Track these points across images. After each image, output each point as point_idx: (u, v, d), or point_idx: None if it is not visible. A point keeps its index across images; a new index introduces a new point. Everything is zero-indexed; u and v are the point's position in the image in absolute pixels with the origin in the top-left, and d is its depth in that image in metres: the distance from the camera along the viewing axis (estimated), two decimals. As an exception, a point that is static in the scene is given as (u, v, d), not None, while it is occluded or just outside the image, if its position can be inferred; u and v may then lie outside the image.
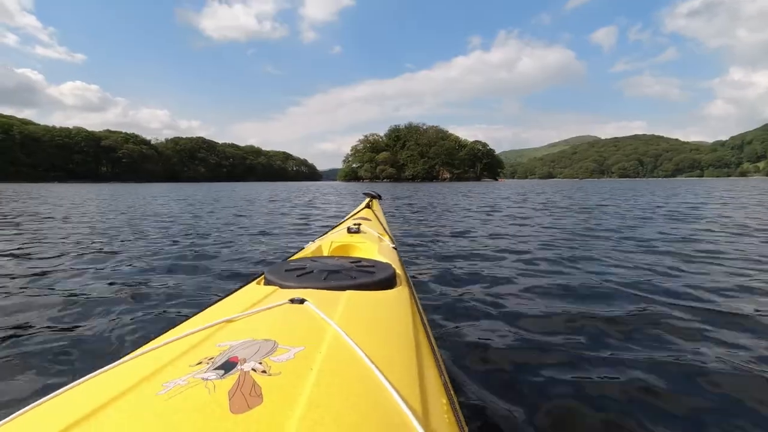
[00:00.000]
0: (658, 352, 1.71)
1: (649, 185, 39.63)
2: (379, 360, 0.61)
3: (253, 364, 0.55)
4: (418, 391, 0.58)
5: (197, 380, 0.51)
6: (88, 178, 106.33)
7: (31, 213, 8.69)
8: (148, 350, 0.66)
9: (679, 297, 2.40)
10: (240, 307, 0.83)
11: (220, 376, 0.52)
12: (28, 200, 14.22)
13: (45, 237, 5.04)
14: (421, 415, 0.51)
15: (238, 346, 0.61)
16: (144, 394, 0.50)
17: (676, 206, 9.71)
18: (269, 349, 0.60)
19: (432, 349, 0.81)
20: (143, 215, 8.28)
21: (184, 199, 14.94)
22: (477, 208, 10.30)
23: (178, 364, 0.58)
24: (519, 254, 3.89)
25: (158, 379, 0.54)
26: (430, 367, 0.70)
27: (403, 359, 0.67)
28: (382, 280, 1.05)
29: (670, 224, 6.08)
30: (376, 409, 0.50)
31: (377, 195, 3.13)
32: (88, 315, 2.17)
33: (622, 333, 1.94)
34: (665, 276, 2.92)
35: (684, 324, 1.99)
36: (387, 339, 0.74)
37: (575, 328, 2.00)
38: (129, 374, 0.56)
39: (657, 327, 1.98)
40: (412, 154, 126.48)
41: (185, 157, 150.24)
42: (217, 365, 0.55)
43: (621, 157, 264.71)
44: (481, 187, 35.86)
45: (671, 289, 2.56)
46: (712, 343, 1.78)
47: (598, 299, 2.45)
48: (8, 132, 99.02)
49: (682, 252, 3.79)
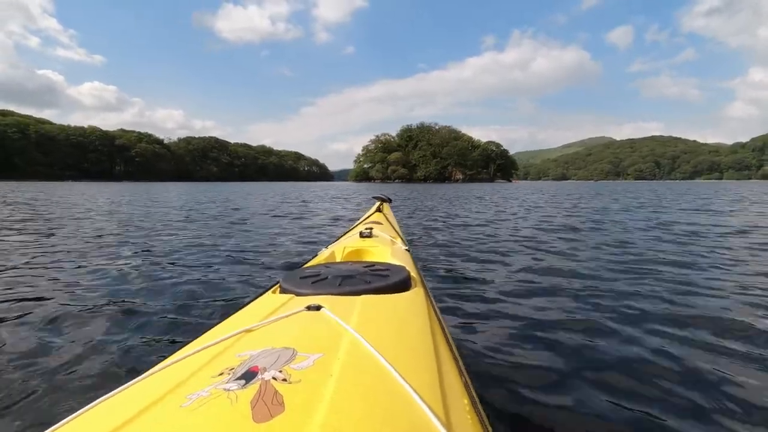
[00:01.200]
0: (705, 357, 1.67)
1: (677, 187, 38.24)
2: (398, 363, 0.61)
3: (274, 372, 0.56)
4: (438, 392, 0.57)
5: (219, 391, 0.52)
6: (102, 177, 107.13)
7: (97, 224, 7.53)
8: (171, 363, 0.66)
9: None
10: (258, 316, 0.83)
11: (242, 386, 0.52)
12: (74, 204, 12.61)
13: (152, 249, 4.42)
14: (443, 416, 0.51)
15: (257, 355, 0.62)
16: (169, 406, 0.51)
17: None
18: (288, 357, 0.60)
19: (450, 349, 0.81)
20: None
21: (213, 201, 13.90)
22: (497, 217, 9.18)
23: (200, 375, 0.59)
24: (536, 252, 3.98)
25: (182, 391, 0.54)
26: (449, 367, 0.70)
27: (422, 361, 0.67)
28: (396, 282, 1.06)
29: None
30: (398, 412, 0.50)
31: (387, 198, 3.16)
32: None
33: (644, 336, 1.91)
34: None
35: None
36: (404, 341, 0.75)
37: (598, 331, 1.99)
38: (153, 388, 0.57)
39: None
40: (424, 155, 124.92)
41: (197, 156, 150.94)
42: (238, 375, 0.56)
43: (637, 158, 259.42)
44: (500, 190, 34.66)
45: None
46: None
47: (621, 299, 2.46)
48: (24, 131, 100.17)
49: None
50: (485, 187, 42.80)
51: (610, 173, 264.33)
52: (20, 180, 77.25)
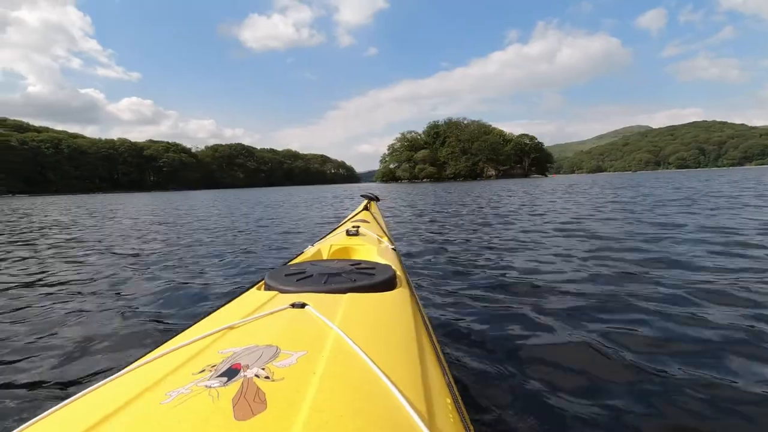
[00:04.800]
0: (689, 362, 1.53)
1: (742, 173, 32.42)
2: (382, 362, 0.61)
3: (256, 370, 0.55)
4: (422, 391, 0.57)
5: (200, 388, 0.51)
6: (132, 187, 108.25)
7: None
8: (151, 359, 0.65)
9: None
10: (241, 313, 0.83)
11: (224, 384, 0.52)
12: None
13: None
14: (426, 415, 0.51)
15: (240, 352, 0.61)
16: (148, 403, 0.50)
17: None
18: (272, 355, 0.60)
19: (434, 348, 0.81)
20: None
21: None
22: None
23: (181, 372, 0.58)
24: (531, 251, 3.91)
25: (161, 388, 0.53)
26: (433, 367, 0.70)
27: (406, 360, 0.67)
28: (382, 281, 1.05)
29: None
30: (381, 411, 0.50)
31: (375, 197, 3.23)
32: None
33: (629, 335, 1.89)
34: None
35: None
36: (389, 340, 0.74)
37: (579, 325, 2.00)
38: (132, 384, 0.56)
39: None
40: (453, 151, 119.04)
41: (224, 163, 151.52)
42: (221, 372, 0.55)
43: (679, 146, 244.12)
44: (542, 185, 30.52)
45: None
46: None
47: (607, 297, 2.41)
48: (58, 146, 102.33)
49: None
50: (534, 182, 39.07)
51: (649, 163, 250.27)
52: (56, 194, 78.07)
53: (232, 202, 18.80)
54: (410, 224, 6.88)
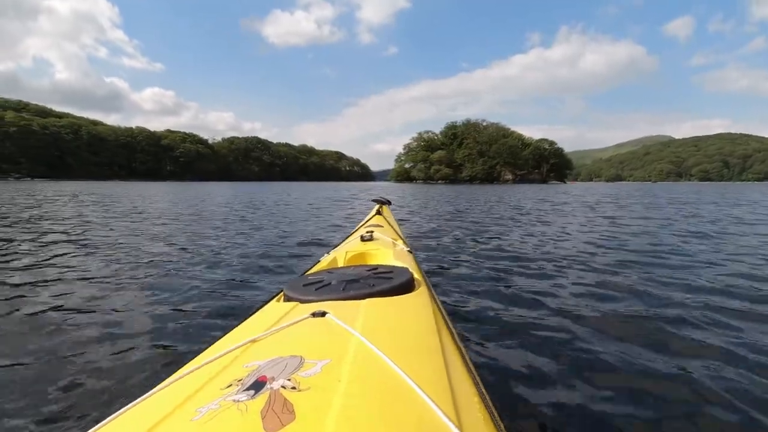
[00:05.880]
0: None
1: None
2: (406, 365, 0.60)
3: (282, 381, 0.55)
4: (448, 392, 0.57)
5: (229, 403, 0.52)
6: (148, 176, 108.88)
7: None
8: (179, 378, 0.66)
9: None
10: (263, 326, 0.83)
11: (251, 397, 0.52)
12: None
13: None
14: (454, 416, 0.51)
15: (265, 365, 0.61)
16: (180, 421, 0.51)
17: None
18: (296, 365, 0.60)
19: (458, 348, 0.80)
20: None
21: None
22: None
23: (208, 388, 0.58)
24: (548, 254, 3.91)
25: (191, 405, 0.54)
26: (458, 367, 0.69)
27: (430, 361, 0.67)
28: (400, 284, 1.05)
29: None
30: (408, 414, 0.50)
31: (387, 201, 3.21)
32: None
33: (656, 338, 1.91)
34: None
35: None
36: (411, 343, 0.74)
37: (612, 331, 2.00)
38: (163, 402, 0.57)
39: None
40: (470, 153, 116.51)
41: (240, 156, 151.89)
42: (247, 386, 0.55)
43: (702, 158, 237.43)
44: (570, 192, 29.05)
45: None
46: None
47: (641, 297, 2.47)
48: (77, 132, 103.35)
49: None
50: (555, 188, 37.75)
51: (670, 174, 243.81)
52: (76, 179, 78.60)
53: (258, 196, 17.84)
54: (429, 225, 6.78)
